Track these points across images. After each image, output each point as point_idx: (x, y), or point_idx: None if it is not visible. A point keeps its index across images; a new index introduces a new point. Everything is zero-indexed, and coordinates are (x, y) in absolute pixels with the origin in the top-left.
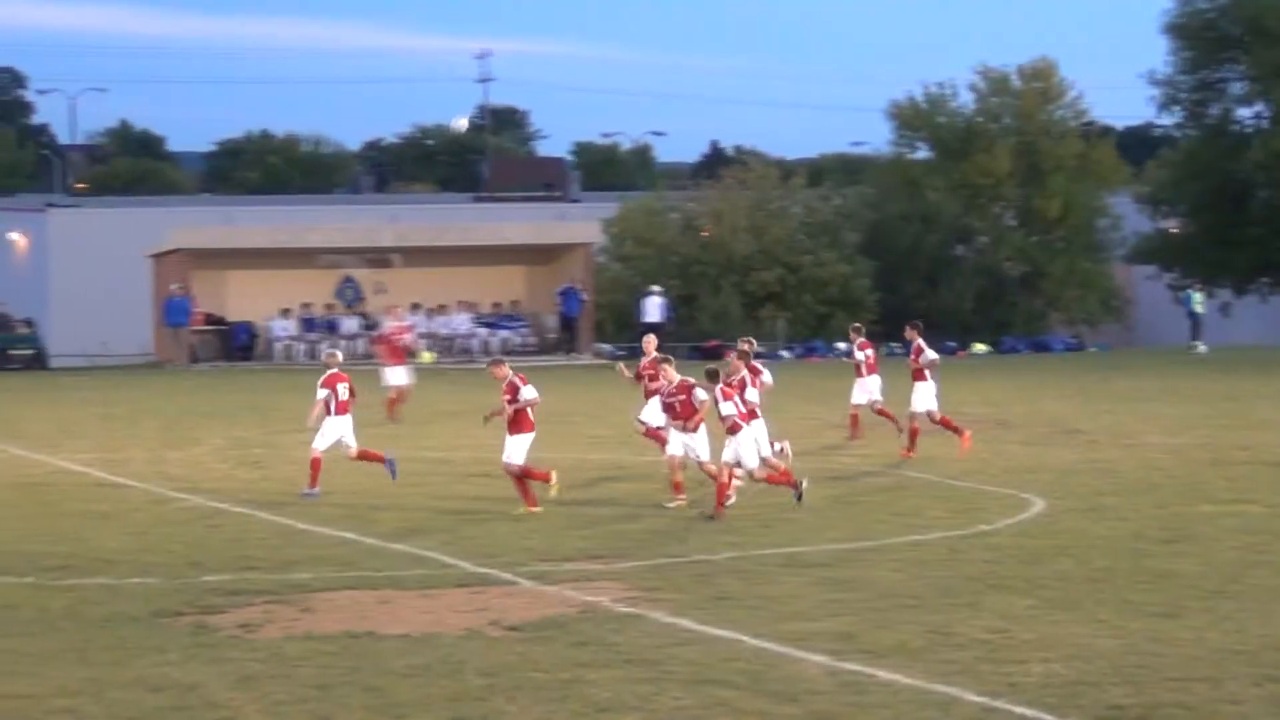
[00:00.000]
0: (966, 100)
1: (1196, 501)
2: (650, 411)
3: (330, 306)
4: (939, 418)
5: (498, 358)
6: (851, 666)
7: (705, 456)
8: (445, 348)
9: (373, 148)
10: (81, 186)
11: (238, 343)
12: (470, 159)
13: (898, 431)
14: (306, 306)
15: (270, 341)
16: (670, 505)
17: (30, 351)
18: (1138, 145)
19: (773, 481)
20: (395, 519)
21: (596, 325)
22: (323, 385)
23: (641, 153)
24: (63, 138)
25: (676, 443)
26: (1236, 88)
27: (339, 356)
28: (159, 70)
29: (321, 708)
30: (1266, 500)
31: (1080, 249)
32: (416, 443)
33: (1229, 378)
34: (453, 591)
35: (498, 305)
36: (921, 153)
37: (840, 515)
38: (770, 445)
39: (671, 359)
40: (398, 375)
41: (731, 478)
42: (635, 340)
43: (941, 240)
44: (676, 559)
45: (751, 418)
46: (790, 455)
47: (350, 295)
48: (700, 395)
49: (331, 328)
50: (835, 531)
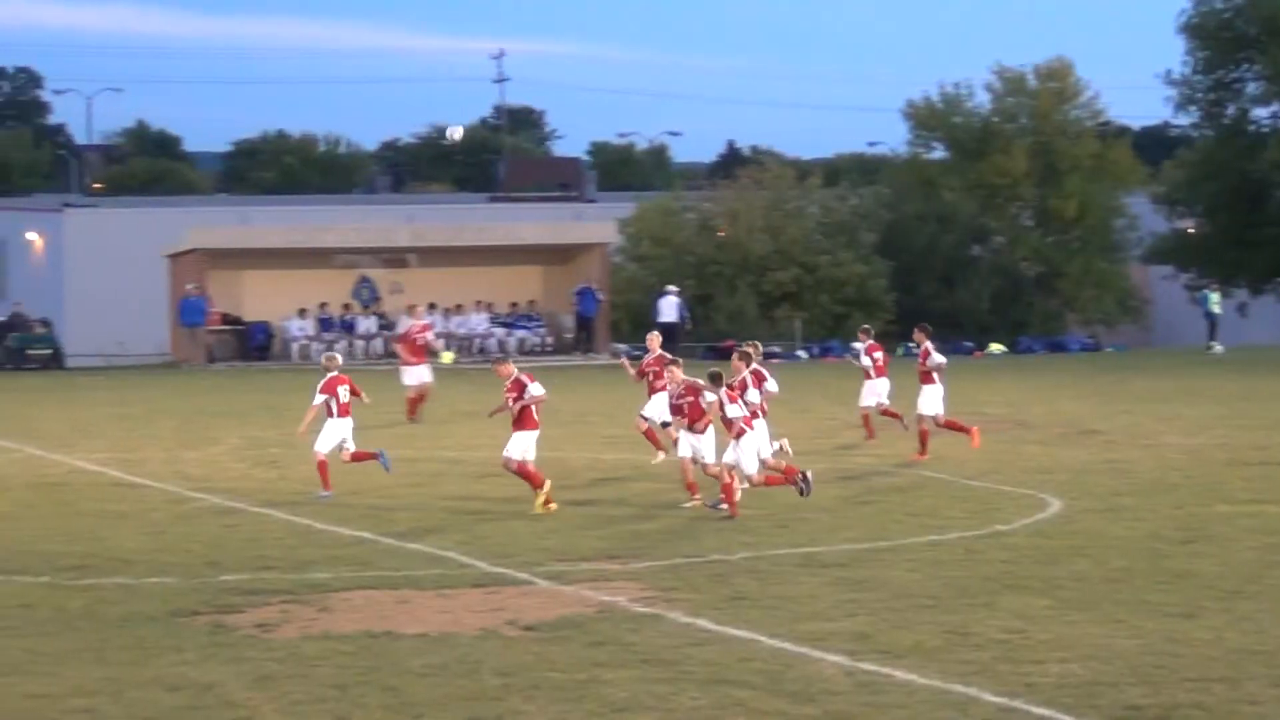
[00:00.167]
0: (983, 100)
1: (1214, 502)
2: (653, 407)
3: (347, 306)
4: (943, 421)
5: (501, 356)
6: (868, 667)
7: (711, 458)
8: (462, 347)
9: (389, 148)
10: (98, 186)
11: (254, 343)
12: (486, 159)
13: (903, 429)
14: (323, 306)
15: (287, 341)
16: (687, 506)
17: (47, 351)
18: (1154, 145)
19: (772, 483)
20: (412, 519)
21: (613, 325)
22: (321, 390)
23: (658, 153)
24: (79, 138)
25: (686, 445)
26: (1253, 88)
27: (338, 360)
28: (175, 70)
29: (339, 707)
30: None
31: (1097, 249)
32: (433, 442)
33: (1246, 378)
34: (469, 591)
35: (514, 305)
36: (938, 153)
37: (856, 515)
38: (769, 444)
39: (680, 361)
40: (418, 374)
41: (733, 479)
42: None
43: (958, 240)
44: (693, 559)
45: (752, 419)
46: (790, 453)
47: (366, 295)
48: (709, 397)
49: (348, 328)
50: (852, 531)
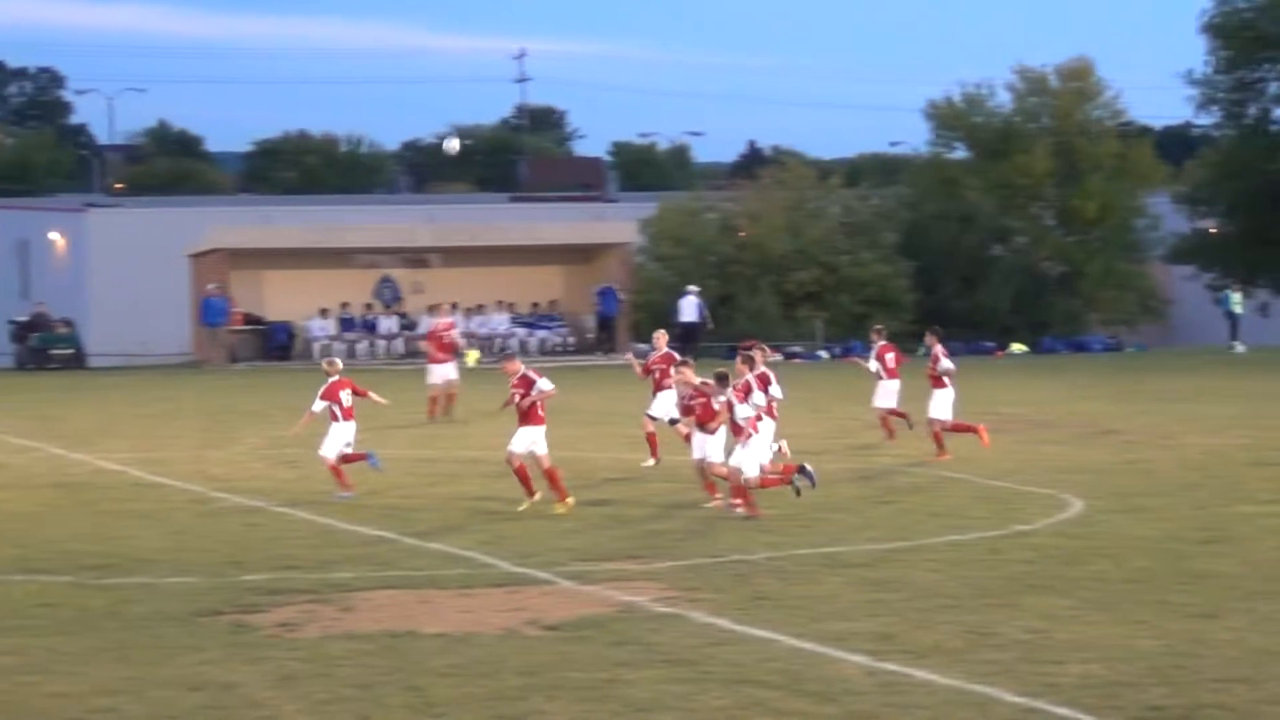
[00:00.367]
0: (1004, 100)
1: (1235, 502)
2: (659, 406)
3: (368, 306)
4: (949, 425)
5: (509, 353)
6: (890, 667)
7: (718, 459)
8: (484, 348)
9: (410, 147)
10: (120, 186)
11: (276, 342)
12: (508, 159)
13: (908, 427)
14: (345, 306)
15: (308, 341)
16: (709, 505)
17: (69, 351)
18: (1176, 145)
19: (768, 485)
20: (433, 518)
21: (634, 325)
22: (323, 396)
23: (679, 153)
24: (101, 138)
25: (699, 446)
26: (1275, 87)
27: (338, 364)
28: (197, 70)
29: (361, 707)
30: None
31: (1118, 249)
32: (454, 442)
33: (1267, 378)
34: (491, 591)
35: (536, 305)
36: (959, 152)
37: (878, 515)
38: (770, 447)
39: (691, 362)
40: (443, 372)
41: (726, 478)
42: (673, 340)
43: (979, 240)
44: (714, 559)
45: (758, 421)
46: (788, 453)
47: (388, 295)
48: (721, 398)
49: (370, 328)
50: (873, 531)
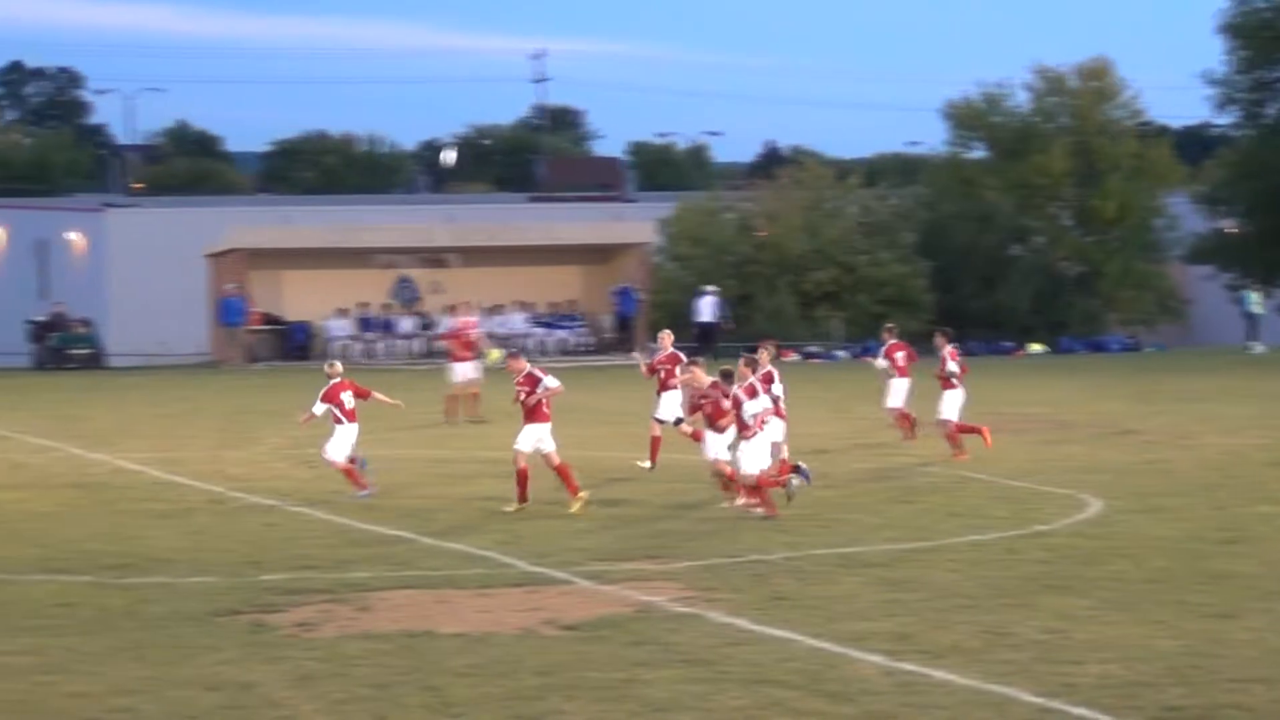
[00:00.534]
0: (1022, 100)
1: (1254, 502)
2: (664, 407)
3: (387, 306)
4: (954, 427)
5: (514, 350)
6: (908, 667)
7: (725, 456)
8: (505, 347)
9: (429, 147)
10: (139, 186)
11: (294, 342)
12: (526, 159)
13: (910, 427)
14: (363, 306)
15: (327, 341)
16: (725, 505)
17: (88, 351)
18: (1194, 145)
19: (764, 485)
20: (451, 518)
21: (652, 325)
22: (323, 399)
23: (697, 152)
24: (120, 138)
25: (712, 445)
26: None
27: (338, 367)
28: (216, 70)
29: (379, 707)
30: None
31: (1137, 249)
32: (472, 442)
33: None
34: (509, 591)
35: (554, 305)
36: (977, 152)
37: (896, 515)
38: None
39: (700, 361)
40: (465, 370)
41: (732, 476)
42: (691, 340)
43: (998, 240)
44: (732, 559)
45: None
46: (786, 455)
47: (407, 295)
48: (732, 396)
49: (388, 328)
50: (891, 531)
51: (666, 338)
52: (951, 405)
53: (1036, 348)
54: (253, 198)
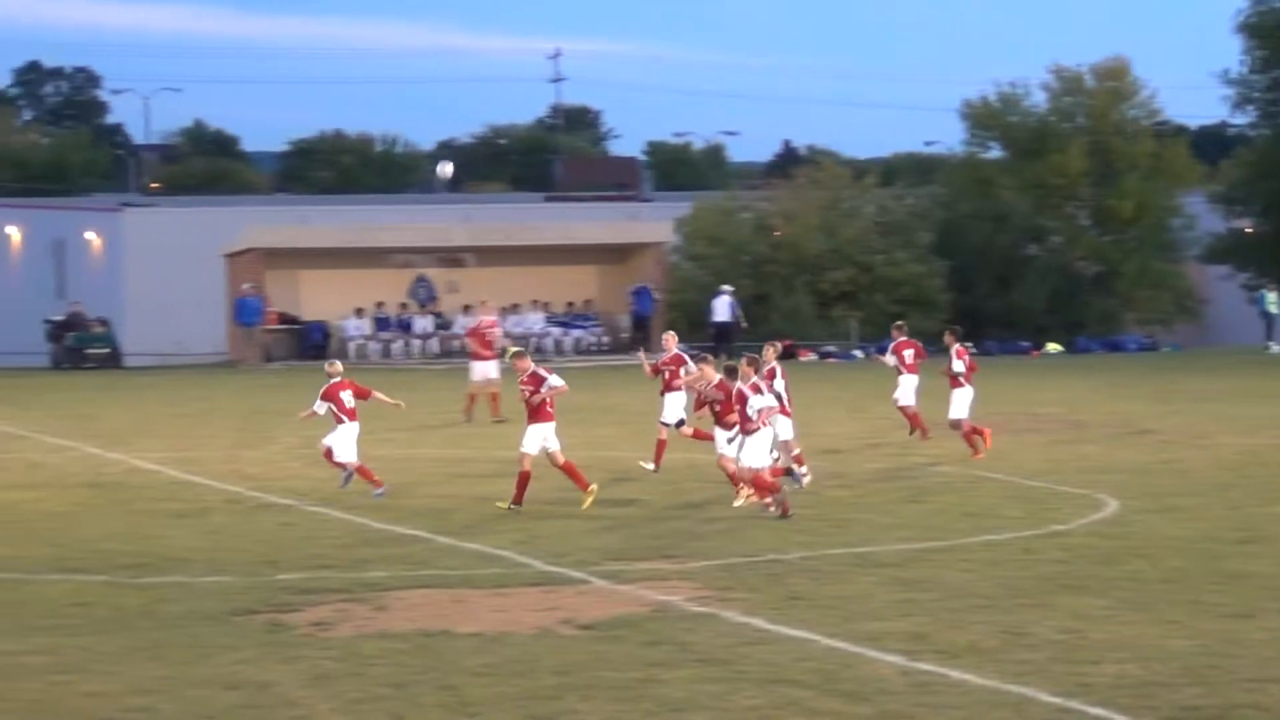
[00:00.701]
0: (1039, 99)
1: (1270, 502)
2: (668, 410)
3: (404, 306)
4: (968, 427)
5: (519, 350)
6: (924, 667)
7: (730, 453)
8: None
9: (446, 147)
10: (156, 186)
11: (311, 342)
12: (543, 158)
13: (909, 432)
14: (380, 306)
15: (344, 341)
16: (736, 504)
17: (105, 350)
18: (1211, 145)
19: (760, 485)
20: (467, 517)
21: (669, 324)
22: (323, 398)
23: (714, 152)
24: (137, 138)
25: (723, 443)
26: None
27: (339, 366)
28: (233, 70)
29: (395, 706)
30: None
31: (1153, 249)
32: (488, 442)
33: None
34: (525, 590)
35: (571, 305)
36: (994, 152)
37: (912, 515)
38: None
39: (709, 358)
40: (485, 370)
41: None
42: (708, 340)
43: (1014, 240)
44: (748, 558)
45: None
46: (798, 451)
47: (423, 295)
48: (736, 392)
49: (404, 327)
50: (907, 531)
51: (670, 339)
52: (961, 404)
53: (1053, 347)
54: (270, 197)
